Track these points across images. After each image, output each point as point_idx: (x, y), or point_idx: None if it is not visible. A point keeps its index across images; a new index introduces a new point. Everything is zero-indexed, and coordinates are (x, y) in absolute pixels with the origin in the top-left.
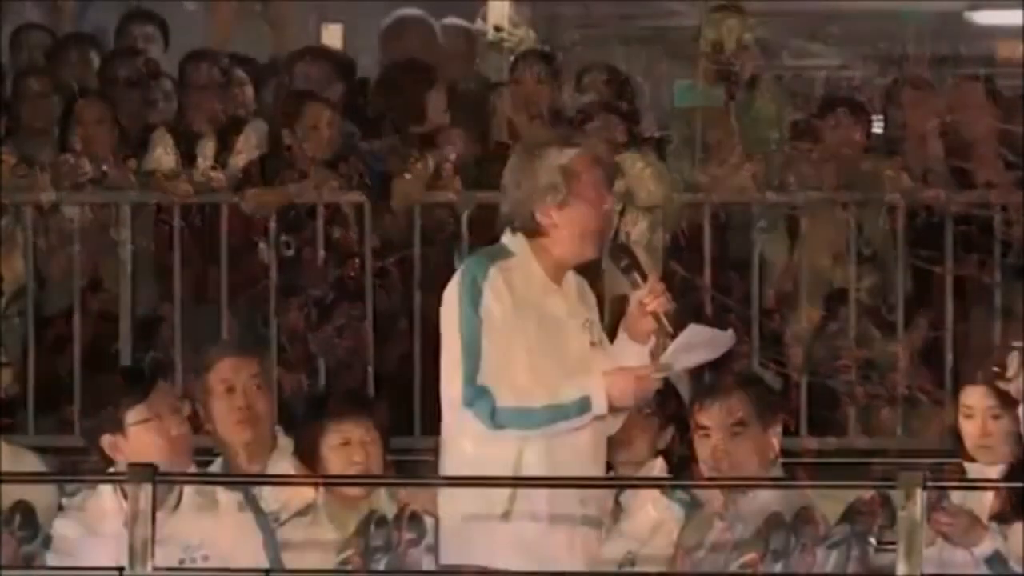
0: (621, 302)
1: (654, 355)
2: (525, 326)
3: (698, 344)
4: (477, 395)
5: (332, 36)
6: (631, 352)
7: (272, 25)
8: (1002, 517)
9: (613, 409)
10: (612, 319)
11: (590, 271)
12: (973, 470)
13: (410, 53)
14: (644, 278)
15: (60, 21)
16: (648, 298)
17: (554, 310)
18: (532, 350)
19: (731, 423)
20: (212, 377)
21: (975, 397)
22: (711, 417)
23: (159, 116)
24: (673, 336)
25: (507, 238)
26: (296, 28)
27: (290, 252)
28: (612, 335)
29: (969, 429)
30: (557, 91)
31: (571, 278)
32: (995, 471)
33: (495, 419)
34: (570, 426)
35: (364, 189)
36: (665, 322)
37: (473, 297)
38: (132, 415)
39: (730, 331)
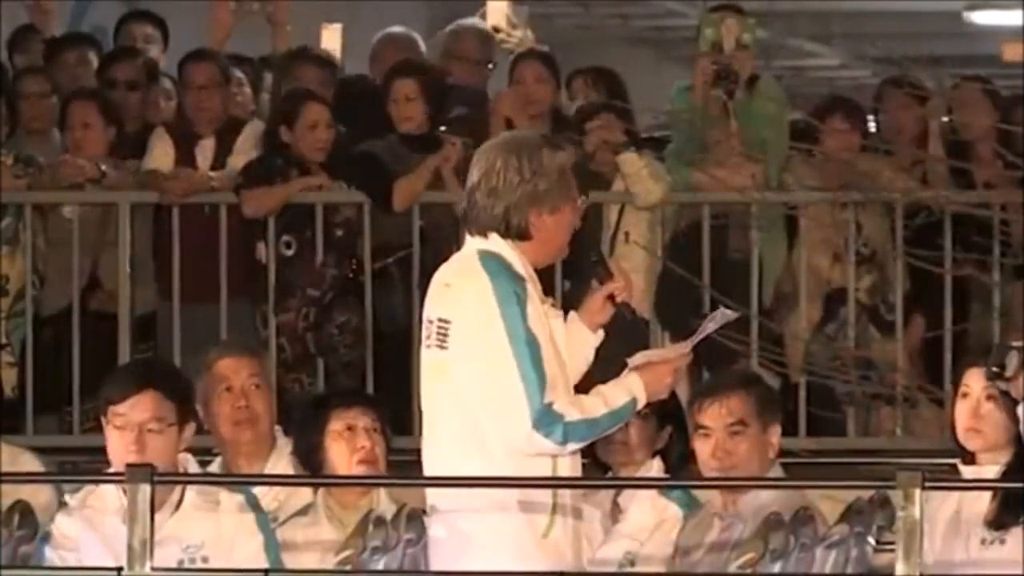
0: None
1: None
2: (546, 338)
3: (712, 326)
4: (547, 415)
5: (331, 36)
6: (581, 340)
7: (271, 25)
8: (997, 523)
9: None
10: None
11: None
12: (968, 472)
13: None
14: (610, 273)
15: (48, 22)
16: (616, 290)
17: (549, 314)
18: (555, 360)
19: (731, 423)
20: (211, 377)
21: (974, 377)
22: (711, 417)
23: (159, 116)
24: (635, 317)
25: (491, 244)
26: (295, 28)
27: (290, 252)
28: None
29: (961, 410)
30: (557, 91)
31: None
32: (992, 472)
33: (567, 437)
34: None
35: (365, 189)
36: (625, 311)
37: (523, 314)
38: (109, 412)
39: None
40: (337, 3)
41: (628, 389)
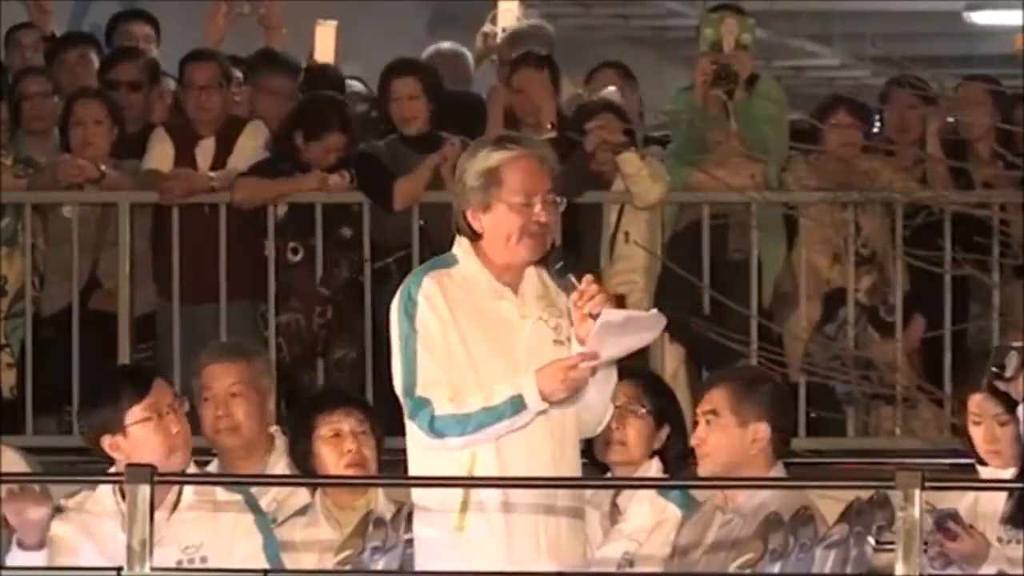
0: (618, 301)
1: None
2: (468, 334)
3: (625, 329)
4: (417, 407)
5: (325, 33)
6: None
7: (265, 27)
8: (1014, 520)
9: (552, 403)
10: None
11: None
12: (985, 472)
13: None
14: (574, 282)
15: (47, 21)
16: (580, 301)
17: (504, 312)
18: (480, 357)
19: (705, 411)
20: (198, 383)
21: (980, 404)
22: (699, 405)
23: (159, 116)
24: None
25: (455, 243)
26: (298, 28)
27: (297, 258)
28: None
29: (977, 435)
30: (556, 94)
31: (531, 276)
32: (1008, 473)
33: (433, 428)
34: (511, 427)
35: (366, 189)
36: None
37: (408, 310)
38: (131, 415)
39: (654, 311)
40: (338, 3)
41: (516, 386)
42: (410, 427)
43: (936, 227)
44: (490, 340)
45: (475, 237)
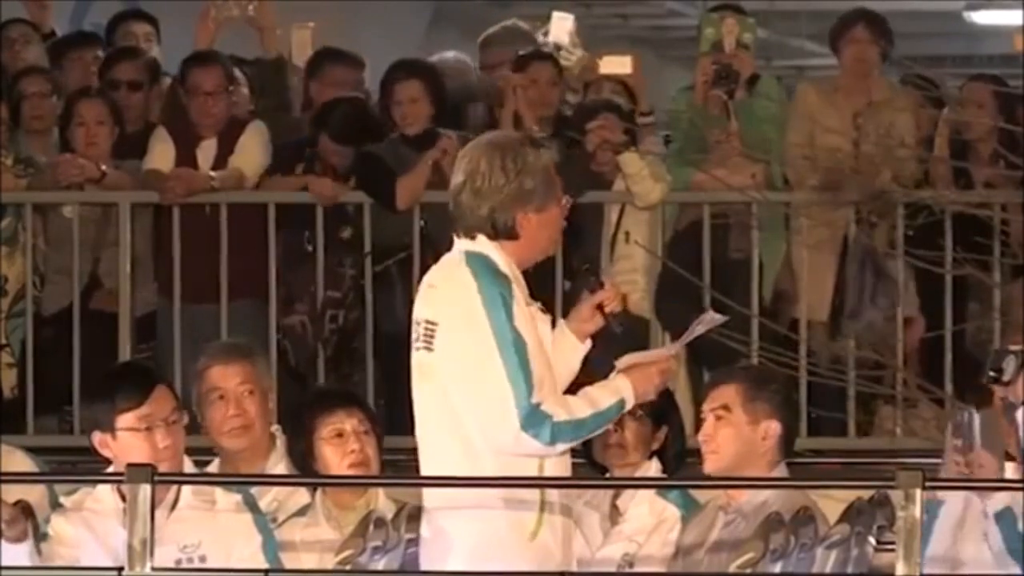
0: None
1: (588, 357)
2: (534, 339)
3: (700, 328)
4: (535, 415)
5: (303, 37)
6: (569, 349)
7: (257, 29)
8: None
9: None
10: None
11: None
12: (1009, 469)
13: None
14: (601, 282)
15: (46, 19)
16: (606, 300)
17: (535, 315)
18: (542, 362)
19: (714, 407)
20: (204, 385)
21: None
22: (707, 401)
23: (159, 116)
24: (624, 329)
25: (478, 245)
26: (282, 31)
27: (310, 248)
28: None
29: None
30: (563, 92)
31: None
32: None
33: (554, 437)
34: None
35: (369, 190)
36: (615, 323)
37: (509, 315)
38: (123, 420)
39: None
40: (338, 4)
41: (615, 390)
42: (518, 438)
43: (937, 227)
44: (537, 343)
45: (508, 237)
